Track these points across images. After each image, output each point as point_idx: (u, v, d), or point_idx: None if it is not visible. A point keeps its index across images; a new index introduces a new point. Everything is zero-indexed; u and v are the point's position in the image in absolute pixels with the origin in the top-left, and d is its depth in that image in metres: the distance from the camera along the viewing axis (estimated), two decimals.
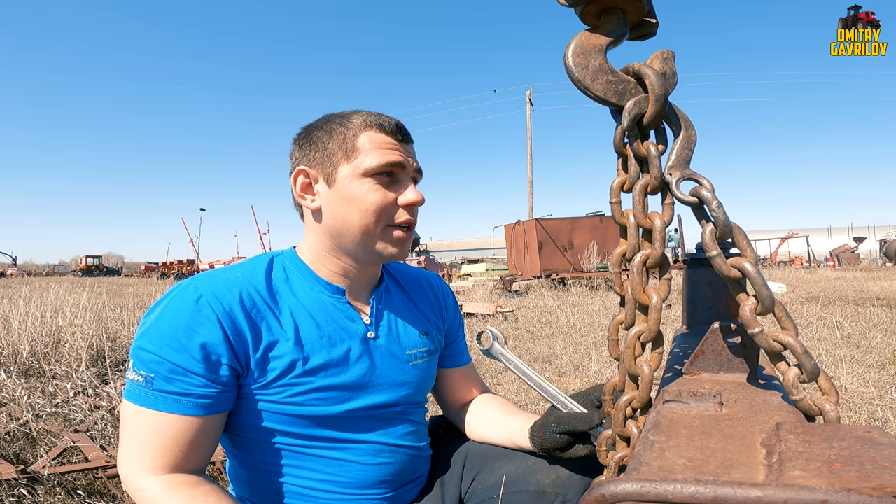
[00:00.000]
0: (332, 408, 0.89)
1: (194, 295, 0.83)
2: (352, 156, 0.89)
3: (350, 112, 0.94)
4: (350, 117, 0.92)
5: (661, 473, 0.40)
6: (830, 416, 0.51)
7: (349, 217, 0.89)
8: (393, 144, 0.91)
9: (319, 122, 0.95)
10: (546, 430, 0.93)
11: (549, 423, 0.94)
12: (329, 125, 0.93)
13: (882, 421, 2.58)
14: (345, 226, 0.90)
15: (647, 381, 0.62)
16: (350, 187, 0.89)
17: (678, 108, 0.64)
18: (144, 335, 0.81)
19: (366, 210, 0.88)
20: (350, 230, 0.90)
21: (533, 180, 22.28)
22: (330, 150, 0.91)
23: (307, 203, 0.93)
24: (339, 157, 0.90)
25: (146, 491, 0.78)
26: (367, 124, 0.91)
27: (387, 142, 0.90)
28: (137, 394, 0.80)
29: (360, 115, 0.92)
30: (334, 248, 0.94)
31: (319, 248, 0.95)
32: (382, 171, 0.89)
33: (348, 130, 0.91)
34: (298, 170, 0.93)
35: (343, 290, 0.95)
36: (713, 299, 0.88)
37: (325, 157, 0.91)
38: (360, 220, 0.89)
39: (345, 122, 0.92)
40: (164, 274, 35.89)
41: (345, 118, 0.93)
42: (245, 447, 0.91)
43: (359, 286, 0.98)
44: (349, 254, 0.94)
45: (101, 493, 1.83)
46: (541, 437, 0.94)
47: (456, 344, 1.15)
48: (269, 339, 0.85)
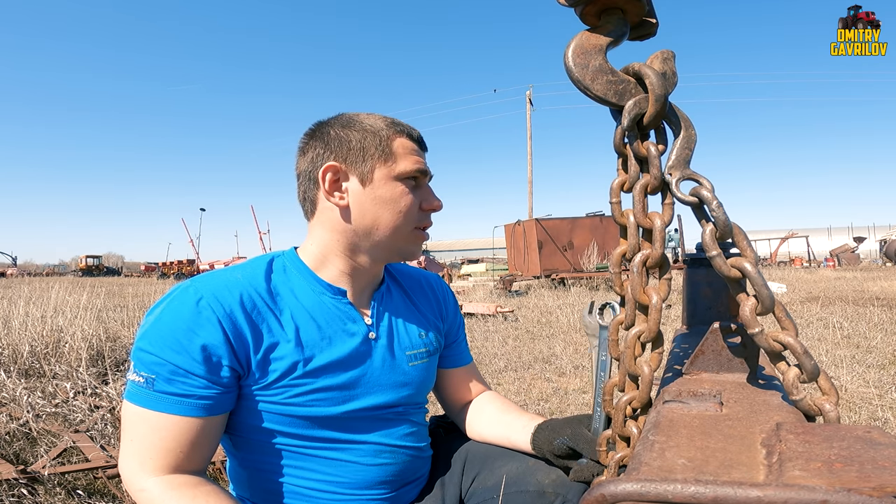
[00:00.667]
0: (333, 408, 0.89)
1: (194, 296, 0.83)
2: (388, 159, 0.91)
3: (372, 115, 0.96)
4: (377, 120, 0.94)
5: (661, 473, 0.40)
6: (830, 416, 0.51)
7: (381, 217, 0.92)
8: (418, 152, 0.96)
9: (343, 121, 0.94)
10: (554, 441, 0.92)
11: (560, 434, 0.92)
12: (359, 125, 0.93)
13: (882, 421, 2.58)
14: (375, 225, 0.92)
15: (647, 381, 0.62)
16: (385, 189, 0.91)
17: (678, 108, 0.64)
18: (145, 336, 0.81)
19: (399, 212, 0.92)
20: (380, 229, 0.92)
21: (533, 180, 22.28)
22: (366, 150, 0.91)
23: (335, 200, 0.91)
24: (377, 158, 0.91)
25: (147, 492, 0.78)
26: (398, 130, 0.94)
27: (415, 149, 0.95)
28: (138, 395, 0.80)
29: (385, 120, 0.95)
30: (354, 246, 0.94)
31: (332, 246, 0.94)
32: (411, 177, 0.93)
33: (382, 133, 0.92)
34: (329, 166, 0.90)
35: (344, 291, 0.95)
36: (713, 299, 0.88)
37: (360, 156, 0.91)
38: (392, 221, 0.92)
39: (376, 125, 0.93)
40: (164, 274, 35.89)
41: (373, 120, 0.94)
42: (245, 448, 0.91)
43: (361, 287, 0.98)
44: (369, 252, 0.95)
45: (101, 493, 1.83)
46: (547, 440, 0.94)
47: (457, 344, 1.16)
48: (270, 341, 0.85)
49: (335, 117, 0.96)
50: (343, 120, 0.94)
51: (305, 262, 0.95)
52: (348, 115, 0.96)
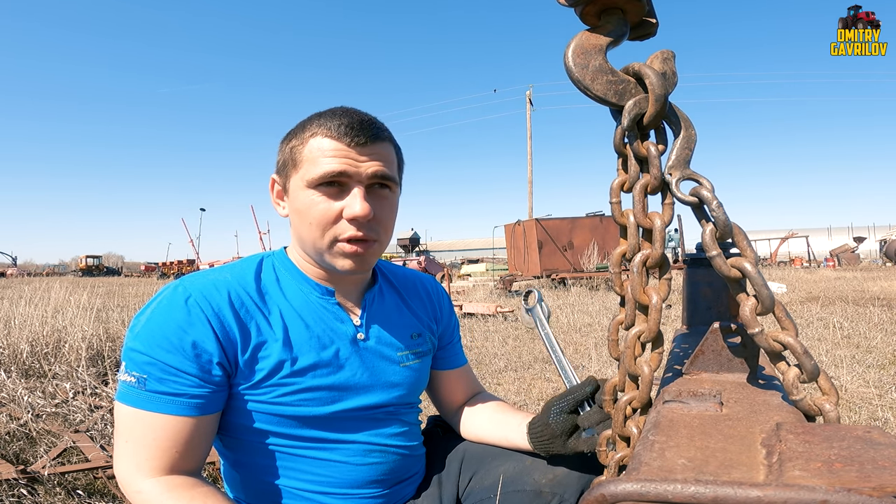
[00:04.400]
0: (321, 408, 0.89)
1: (183, 295, 0.83)
2: (298, 166, 0.87)
3: (315, 116, 0.89)
4: (307, 124, 0.89)
5: (661, 473, 0.40)
6: (830, 416, 0.51)
7: (300, 229, 0.89)
8: (340, 151, 0.84)
9: (292, 130, 0.93)
10: (549, 413, 0.93)
11: (552, 404, 0.93)
12: (290, 133, 0.91)
13: (882, 421, 2.58)
14: (300, 237, 0.90)
15: (647, 381, 0.62)
16: (299, 199, 0.87)
17: (678, 107, 0.64)
18: (136, 337, 0.81)
19: (310, 224, 0.86)
20: (305, 242, 0.90)
21: (533, 180, 22.28)
22: (286, 159, 0.90)
23: (280, 210, 0.94)
24: (290, 167, 0.88)
25: (144, 493, 0.78)
26: (318, 130, 0.86)
27: (333, 148, 0.84)
28: (130, 395, 0.80)
29: (316, 120, 0.88)
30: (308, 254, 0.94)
31: (301, 251, 0.94)
32: (324, 182, 0.84)
33: (298, 139, 0.88)
34: (272, 178, 0.95)
35: (332, 290, 0.95)
36: (713, 299, 0.88)
37: (283, 166, 0.91)
38: (308, 234, 0.87)
39: (301, 130, 0.89)
40: (164, 274, 35.91)
41: (304, 125, 0.89)
42: (236, 448, 0.91)
43: (348, 287, 0.98)
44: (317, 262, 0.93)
45: (101, 493, 1.83)
46: (543, 424, 0.93)
47: (451, 346, 1.15)
48: (258, 340, 0.86)
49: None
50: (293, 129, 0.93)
51: (293, 262, 0.96)
52: (302, 121, 0.92)
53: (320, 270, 0.94)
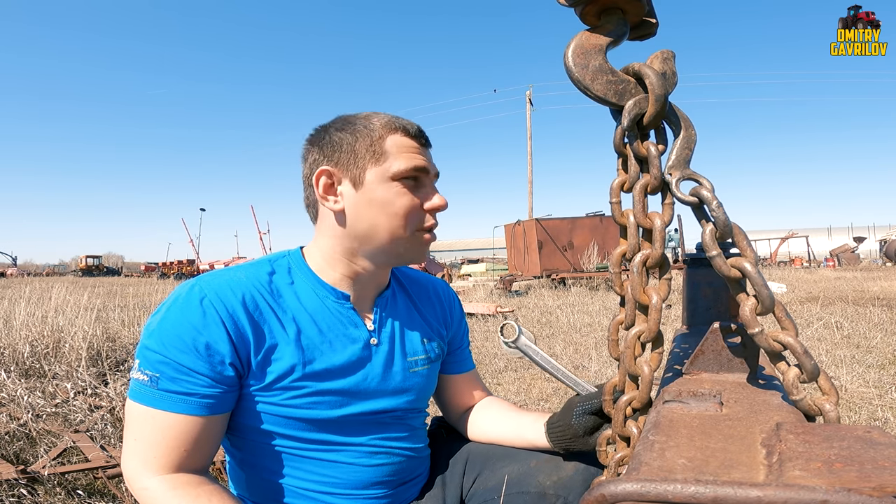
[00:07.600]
0: (330, 412, 0.89)
1: (198, 296, 0.83)
2: (380, 159, 0.88)
3: (370, 114, 0.93)
4: (372, 119, 0.91)
5: (661, 473, 0.40)
6: (830, 416, 0.51)
7: (377, 221, 0.89)
8: (417, 149, 0.91)
9: (339, 124, 0.93)
10: (572, 414, 0.93)
11: (574, 404, 0.94)
12: (352, 126, 0.91)
13: (882, 421, 2.58)
14: (372, 229, 0.89)
15: (647, 381, 0.62)
16: (379, 191, 0.88)
17: (678, 107, 0.64)
18: (150, 335, 0.82)
19: (395, 214, 0.88)
20: (378, 234, 0.89)
21: (533, 180, 22.29)
22: (357, 152, 0.89)
23: (329, 205, 0.91)
24: (367, 159, 0.89)
25: (150, 490, 0.78)
26: (392, 127, 0.90)
27: (412, 146, 0.90)
28: (142, 393, 0.80)
29: (382, 118, 0.91)
30: (353, 251, 0.93)
31: (334, 250, 0.93)
32: (409, 176, 0.89)
33: (374, 133, 0.89)
34: (322, 170, 0.90)
35: (348, 295, 0.94)
36: (713, 299, 0.88)
37: (351, 158, 0.89)
38: (388, 224, 0.89)
39: (369, 125, 0.90)
40: (164, 274, 35.91)
41: (367, 120, 0.91)
42: (243, 448, 0.92)
43: (365, 292, 0.97)
44: (370, 257, 0.93)
45: (101, 493, 1.83)
46: (564, 422, 0.94)
47: (461, 351, 1.15)
48: (271, 342, 0.86)
49: (333, 120, 0.95)
50: (339, 122, 0.93)
51: (310, 265, 0.95)
52: (346, 116, 0.94)
53: (347, 271, 0.94)
